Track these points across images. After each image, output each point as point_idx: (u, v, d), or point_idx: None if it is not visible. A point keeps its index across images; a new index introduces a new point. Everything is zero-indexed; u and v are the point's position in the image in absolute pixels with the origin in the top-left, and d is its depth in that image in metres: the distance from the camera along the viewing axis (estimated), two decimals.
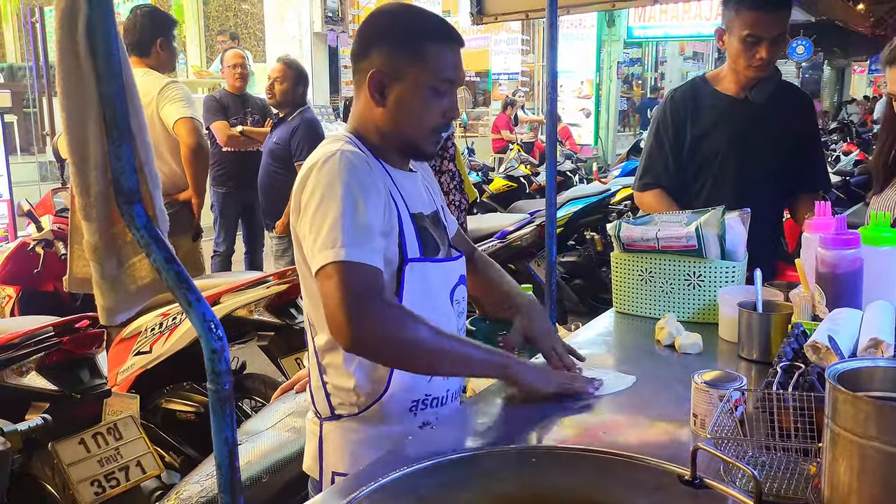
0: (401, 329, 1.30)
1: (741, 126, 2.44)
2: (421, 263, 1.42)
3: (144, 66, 3.61)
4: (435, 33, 1.42)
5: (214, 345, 0.99)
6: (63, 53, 1.14)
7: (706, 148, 2.47)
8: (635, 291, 2.07)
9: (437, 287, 1.47)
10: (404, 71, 1.38)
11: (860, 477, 0.87)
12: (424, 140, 1.44)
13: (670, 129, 2.51)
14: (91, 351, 2.59)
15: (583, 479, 1.16)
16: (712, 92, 2.50)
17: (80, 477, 2.30)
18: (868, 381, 0.96)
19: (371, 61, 1.40)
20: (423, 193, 1.51)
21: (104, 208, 1.23)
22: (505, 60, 14.87)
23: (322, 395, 1.46)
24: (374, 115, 1.43)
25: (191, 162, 3.58)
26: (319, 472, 1.47)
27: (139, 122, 1.21)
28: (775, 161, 2.45)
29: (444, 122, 1.43)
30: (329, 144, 1.40)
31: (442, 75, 1.39)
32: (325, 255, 1.27)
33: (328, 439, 1.46)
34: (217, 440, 1.00)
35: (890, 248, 1.59)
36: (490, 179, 8.33)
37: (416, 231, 1.42)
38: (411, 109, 1.40)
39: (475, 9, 2.96)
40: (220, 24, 13.48)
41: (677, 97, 2.57)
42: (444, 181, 2.29)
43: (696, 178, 2.50)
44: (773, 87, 2.45)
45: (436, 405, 1.48)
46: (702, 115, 2.49)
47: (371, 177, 1.35)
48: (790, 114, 2.48)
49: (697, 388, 1.32)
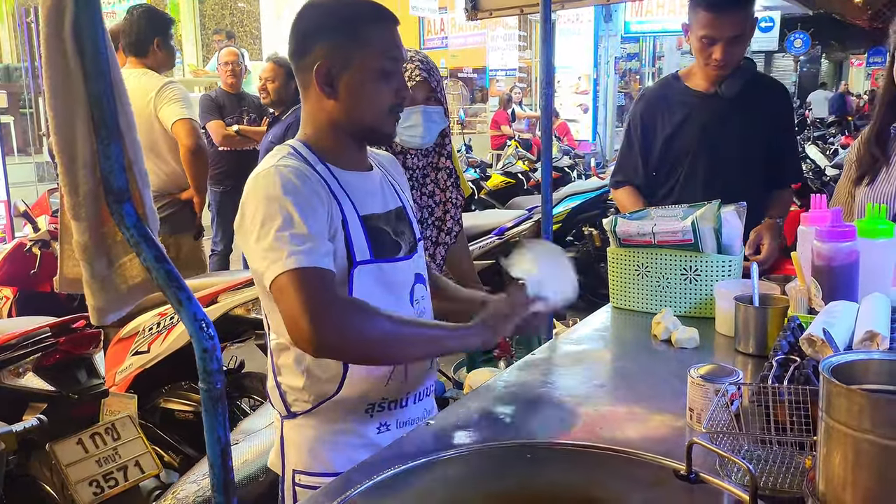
0: (362, 327, 1.29)
1: (711, 121, 2.43)
2: (372, 265, 1.40)
3: (142, 65, 3.60)
4: (370, 15, 1.41)
5: (206, 343, 0.98)
6: (50, 52, 1.14)
7: (677, 145, 2.48)
8: (632, 286, 2.06)
9: (395, 287, 1.45)
10: (350, 57, 1.37)
11: (854, 470, 0.87)
12: (383, 122, 1.43)
13: (639, 129, 2.54)
14: (88, 351, 2.59)
15: (578, 474, 1.16)
16: (683, 89, 2.50)
17: (78, 477, 2.30)
18: (862, 373, 0.95)
19: (314, 56, 1.38)
20: (379, 193, 1.48)
21: (93, 207, 1.22)
22: (502, 56, 14.85)
23: (277, 395, 1.47)
24: (327, 110, 1.41)
25: (190, 162, 3.58)
26: (282, 468, 1.48)
27: (128, 120, 1.20)
28: (748, 155, 2.44)
29: (397, 100, 1.42)
30: (267, 159, 1.39)
31: (388, 54, 1.39)
32: (275, 269, 1.26)
33: (288, 437, 1.47)
34: (209, 439, 1.00)
35: (886, 240, 1.58)
36: (488, 176, 8.33)
37: (365, 232, 1.40)
38: (364, 94, 1.39)
39: (469, 4, 2.95)
40: (216, 22, 13.49)
41: (648, 96, 2.60)
42: (440, 178, 2.28)
43: (668, 176, 2.50)
44: (745, 80, 2.43)
45: (394, 408, 1.47)
46: (672, 112, 2.49)
47: (308, 186, 1.33)
48: (763, 107, 2.46)
49: (693, 382, 1.31)
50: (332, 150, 1.43)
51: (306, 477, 1.44)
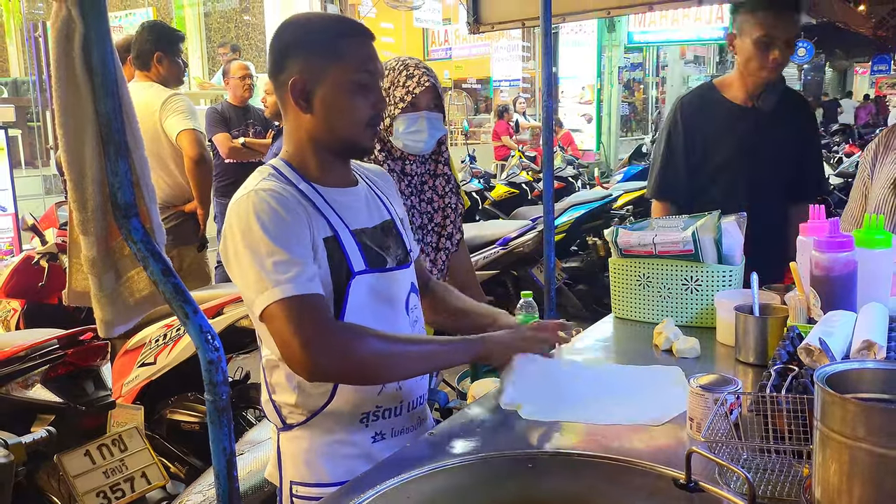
0: (356, 350, 1.31)
1: (750, 135, 2.45)
2: (369, 275, 1.42)
3: (149, 79, 3.63)
4: (345, 30, 1.42)
5: (211, 356, 1.00)
6: (60, 70, 1.16)
7: (717, 156, 2.48)
8: (633, 296, 2.08)
9: (391, 297, 1.47)
10: (324, 72, 1.38)
11: (850, 478, 0.88)
12: (360, 136, 1.43)
13: (682, 136, 2.51)
14: (95, 363, 2.61)
15: (579, 483, 1.17)
16: (720, 99, 2.51)
17: (85, 488, 2.31)
18: (857, 382, 0.96)
19: (289, 72, 1.39)
20: (364, 208, 1.49)
21: (102, 223, 1.25)
22: (506, 67, 14.89)
23: (271, 408, 1.48)
24: (305, 126, 1.42)
25: (194, 173, 3.61)
26: (279, 480, 1.49)
27: (135, 137, 1.23)
28: (782, 168, 2.46)
29: (375, 113, 1.42)
30: (251, 180, 1.40)
31: (362, 67, 1.39)
32: (264, 298, 1.27)
33: (284, 449, 1.48)
34: (215, 450, 1.02)
35: (883, 250, 1.59)
36: (492, 186, 8.35)
37: (358, 246, 1.42)
38: (340, 108, 1.39)
39: (472, 18, 2.98)
40: (221, 35, 13.56)
41: (687, 102, 2.57)
42: (438, 185, 2.30)
43: (708, 186, 2.50)
44: (779, 93, 2.46)
45: (389, 416, 1.48)
46: (711, 122, 2.49)
47: (287, 208, 1.33)
48: (794, 120, 2.50)
49: (693, 391, 1.32)
50: (314, 167, 1.44)
51: (303, 488, 1.45)
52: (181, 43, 3.86)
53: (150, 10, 11.41)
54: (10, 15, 12.10)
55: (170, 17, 12.51)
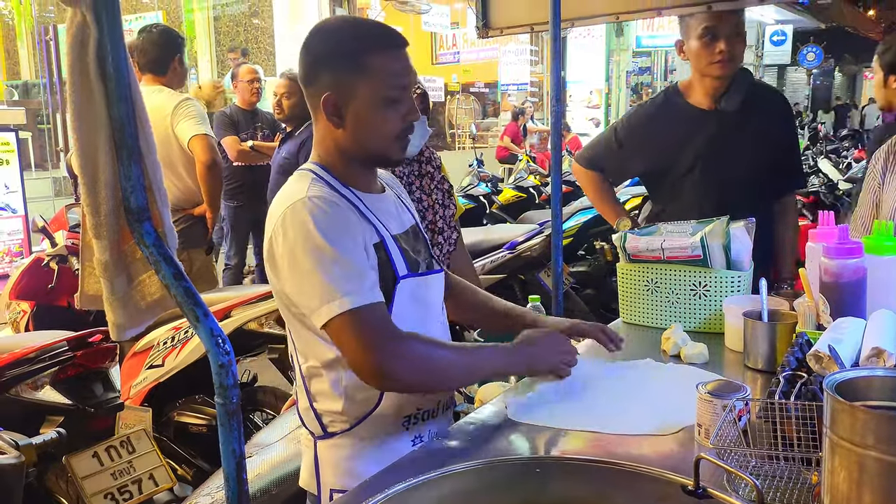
0: (426, 359, 1.34)
1: (715, 138, 2.42)
2: (411, 280, 1.43)
3: (158, 83, 3.66)
4: (375, 43, 1.39)
5: (222, 359, 1.01)
6: (74, 75, 1.17)
7: (682, 161, 2.46)
8: (641, 302, 2.08)
9: (428, 301, 1.49)
10: (354, 88, 1.37)
11: (859, 486, 0.88)
12: (390, 149, 1.43)
13: (632, 138, 2.54)
14: (104, 365, 2.63)
15: (587, 489, 1.17)
16: (684, 104, 2.49)
17: (93, 490, 2.32)
18: (866, 390, 0.96)
19: (320, 85, 1.39)
20: (395, 213, 1.50)
21: (114, 226, 1.26)
22: (514, 71, 14.92)
23: (312, 416, 1.47)
24: (336, 138, 1.42)
25: (205, 178, 3.63)
26: (318, 488, 1.48)
27: (148, 141, 1.24)
28: (753, 169, 2.43)
29: (406, 125, 1.42)
30: (295, 185, 1.39)
31: (392, 83, 1.38)
32: (329, 309, 1.27)
33: (323, 457, 1.47)
34: (225, 453, 1.03)
35: (893, 257, 1.59)
36: (499, 190, 8.35)
37: (400, 250, 1.43)
38: (371, 124, 1.39)
39: (481, 22, 2.98)
40: (230, 39, 13.61)
41: (649, 109, 2.59)
42: (425, 184, 2.31)
43: (680, 191, 2.48)
44: (745, 91, 2.43)
45: (427, 418, 1.50)
46: (673, 130, 2.48)
47: (341, 215, 1.34)
48: (765, 117, 2.46)
49: (701, 398, 1.32)
50: (348, 174, 1.45)
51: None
52: (185, 45, 3.93)
53: (160, 13, 11.46)
54: (22, 18, 12.20)
55: (179, 20, 12.57)
